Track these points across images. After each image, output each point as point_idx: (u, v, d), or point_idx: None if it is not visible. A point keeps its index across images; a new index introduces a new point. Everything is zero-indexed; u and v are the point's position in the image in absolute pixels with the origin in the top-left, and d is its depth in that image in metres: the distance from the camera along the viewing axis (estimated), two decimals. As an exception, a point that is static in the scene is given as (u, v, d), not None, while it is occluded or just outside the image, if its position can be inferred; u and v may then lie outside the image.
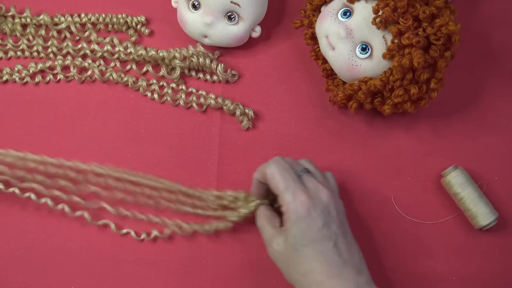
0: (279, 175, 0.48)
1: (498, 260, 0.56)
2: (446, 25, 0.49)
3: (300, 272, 0.46)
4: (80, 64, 0.60)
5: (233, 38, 0.58)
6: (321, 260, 0.46)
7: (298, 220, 0.46)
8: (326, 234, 0.46)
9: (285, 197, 0.47)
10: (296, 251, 0.46)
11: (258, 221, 0.51)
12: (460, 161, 0.58)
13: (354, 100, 0.55)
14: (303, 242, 0.46)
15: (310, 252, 0.46)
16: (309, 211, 0.46)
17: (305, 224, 0.46)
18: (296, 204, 0.46)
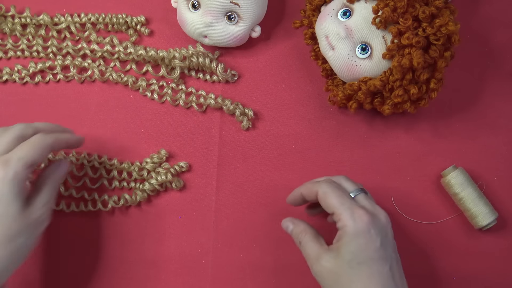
0: (333, 193, 0.47)
1: (498, 260, 0.56)
2: (446, 25, 0.49)
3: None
4: (80, 64, 0.60)
5: (233, 38, 0.58)
6: (377, 281, 0.44)
7: (357, 236, 0.44)
8: (383, 255, 0.45)
9: (342, 212, 0.45)
10: (351, 268, 0.44)
11: (300, 237, 0.49)
12: (460, 161, 0.58)
13: (354, 100, 0.55)
14: (360, 259, 0.44)
15: (366, 271, 0.44)
16: (369, 228, 0.44)
17: (363, 240, 0.44)
18: (355, 219, 0.45)
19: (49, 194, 0.47)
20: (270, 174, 0.58)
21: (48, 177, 0.49)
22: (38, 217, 0.45)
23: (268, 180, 0.58)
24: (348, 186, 0.49)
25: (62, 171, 0.50)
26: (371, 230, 0.45)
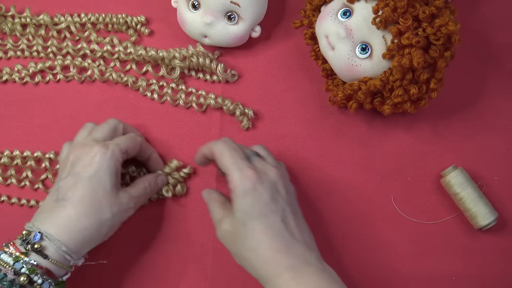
0: (227, 152, 0.49)
1: (498, 260, 0.56)
2: (446, 25, 0.49)
3: (248, 247, 0.46)
4: (80, 64, 0.60)
5: (233, 38, 0.58)
6: (269, 234, 0.46)
7: (245, 194, 0.46)
8: (274, 208, 0.47)
9: (232, 173, 0.47)
10: (244, 225, 0.46)
11: (209, 205, 0.52)
12: (460, 161, 0.58)
13: (354, 100, 0.55)
14: (251, 215, 0.46)
15: (258, 226, 0.46)
16: (255, 186, 0.47)
17: (251, 197, 0.46)
18: (243, 179, 0.47)
19: (140, 191, 0.53)
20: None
21: (146, 180, 0.54)
22: (125, 203, 0.50)
23: (268, 180, 0.58)
24: (246, 150, 0.51)
25: (159, 181, 0.55)
26: (259, 187, 0.47)
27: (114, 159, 0.50)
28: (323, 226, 0.57)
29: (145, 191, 0.53)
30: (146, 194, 0.53)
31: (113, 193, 0.49)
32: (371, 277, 0.55)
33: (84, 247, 0.48)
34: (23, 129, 0.59)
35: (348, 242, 0.56)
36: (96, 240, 0.49)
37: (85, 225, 0.47)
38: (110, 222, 0.49)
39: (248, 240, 0.46)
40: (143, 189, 0.53)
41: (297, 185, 0.57)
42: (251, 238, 0.46)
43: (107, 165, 0.49)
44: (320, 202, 0.57)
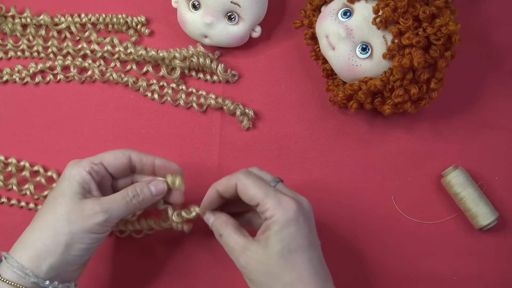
0: (253, 184, 0.44)
1: (498, 260, 0.56)
2: (446, 25, 0.49)
3: (286, 281, 0.42)
4: (80, 64, 0.60)
5: (233, 38, 0.58)
6: (309, 269, 0.43)
7: (287, 224, 0.42)
8: (312, 242, 0.44)
9: (268, 201, 0.43)
10: (282, 258, 0.42)
11: (222, 230, 0.46)
12: (460, 161, 0.58)
13: (354, 100, 0.55)
14: (291, 247, 0.43)
15: (299, 260, 0.43)
16: (297, 215, 0.43)
17: (294, 228, 0.43)
18: (284, 207, 0.43)
19: (116, 197, 0.46)
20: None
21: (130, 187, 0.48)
22: (88, 209, 0.44)
23: (268, 180, 0.58)
24: (265, 176, 0.47)
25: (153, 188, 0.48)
26: (300, 217, 0.43)
27: (81, 168, 0.46)
28: (323, 226, 0.57)
29: (124, 199, 0.46)
30: (127, 203, 0.47)
31: (73, 200, 0.45)
32: (371, 277, 0.55)
33: (42, 261, 0.43)
34: (23, 129, 0.59)
35: (348, 242, 0.56)
36: (55, 253, 0.43)
37: (37, 236, 0.44)
38: (66, 230, 0.43)
39: (285, 274, 0.42)
40: (121, 196, 0.47)
41: (297, 185, 0.57)
42: (290, 272, 0.42)
43: (70, 174, 0.46)
44: (321, 202, 0.57)
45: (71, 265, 0.45)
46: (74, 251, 0.44)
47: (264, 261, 0.43)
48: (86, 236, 0.44)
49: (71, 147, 0.59)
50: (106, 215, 0.45)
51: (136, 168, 0.50)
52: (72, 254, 0.44)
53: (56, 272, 0.44)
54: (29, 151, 0.59)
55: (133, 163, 0.49)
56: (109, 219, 0.45)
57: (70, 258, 0.44)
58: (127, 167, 0.49)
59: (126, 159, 0.48)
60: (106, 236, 0.47)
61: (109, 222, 0.45)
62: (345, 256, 0.56)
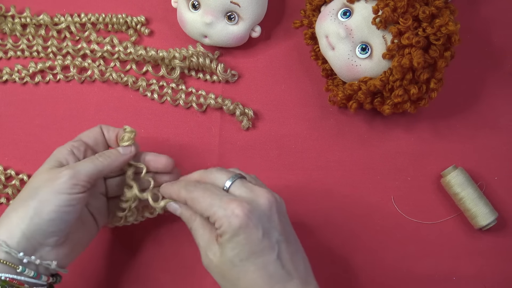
0: (200, 197, 0.43)
1: (498, 260, 0.56)
2: (446, 25, 0.49)
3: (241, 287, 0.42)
4: (80, 64, 0.60)
5: (233, 38, 0.58)
6: (263, 275, 0.41)
7: (235, 234, 0.41)
8: (268, 244, 0.42)
9: (214, 214, 0.42)
10: (235, 266, 0.41)
11: (190, 223, 0.46)
12: (460, 161, 0.58)
13: (354, 100, 0.55)
14: (242, 256, 0.41)
15: (251, 268, 0.41)
16: (246, 222, 0.41)
17: (243, 236, 0.41)
18: (229, 217, 0.41)
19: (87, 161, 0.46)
20: (270, 174, 0.58)
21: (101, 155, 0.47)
22: (61, 173, 0.44)
23: (268, 180, 0.57)
24: (220, 178, 0.45)
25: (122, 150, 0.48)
26: (249, 222, 0.41)
27: (62, 147, 0.47)
28: (323, 226, 0.57)
29: (91, 159, 0.46)
30: (93, 160, 0.46)
31: (46, 170, 0.45)
32: (371, 277, 0.55)
33: (14, 229, 0.42)
34: (23, 129, 0.59)
35: (348, 242, 0.56)
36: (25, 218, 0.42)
37: (11, 207, 0.44)
38: (35, 194, 0.43)
39: (239, 282, 0.41)
40: (89, 158, 0.46)
41: (296, 185, 0.57)
42: (244, 280, 0.41)
43: (51, 156, 0.46)
44: (320, 202, 0.57)
45: (45, 235, 0.43)
46: (44, 214, 0.43)
47: (221, 265, 0.42)
48: (55, 197, 0.43)
49: (71, 147, 0.59)
50: (72, 172, 0.44)
51: (106, 139, 0.50)
52: (43, 218, 0.43)
53: (30, 243, 0.43)
54: (29, 151, 0.59)
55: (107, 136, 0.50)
56: (75, 175, 0.44)
57: (42, 224, 0.43)
58: (101, 136, 0.49)
59: (99, 129, 0.49)
60: (79, 204, 0.44)
61: (76, 179, 0.44)
62: (345, 256, 0.56)
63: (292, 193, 0.57)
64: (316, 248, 0.56)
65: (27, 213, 0.43)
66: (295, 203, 0.55)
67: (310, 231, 0.56)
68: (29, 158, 0.58)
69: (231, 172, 0.46)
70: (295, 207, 0.54)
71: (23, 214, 0.43)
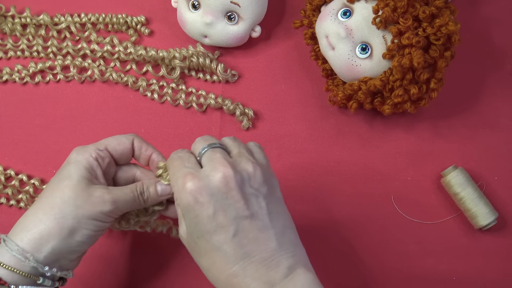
0: (173, 167, 0.42)
1: (498, 260, 0.56)
2: (446, 25, 0.49)
3: (203, 267, 0.41)
4: (80, 64, 0.60)
5: (233, 38, 0.58)
6: (219, 255, 0.39)
7: (186, 211, 0.40)
8: (222, 222, 0.39)
9: (173, 186, 0.41)
10: (195, 243, 0.41)
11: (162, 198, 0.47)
12: (460, 161, 0.58)
13: (354, 100, 0.55)
14: (197, 234, 0.40)
15: (207, 246, 0.39)
16: (195, 198, 0.39)
17: (193, 214, 0.39)
18: (180, 193, 0.40)
19: (125, 190, 0.45)
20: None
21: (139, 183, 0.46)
22: (97, 196, 0.43)
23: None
24: (198, 146, 0.43)
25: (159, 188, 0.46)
26: (199, 198, 0.39)
27: (87, 153, 0.45)
28: (323, 226, 0.57)
29: (133, 193, 0.45)
30: (134, 197, 0.45)
31: (81, 185, 0.43)
32: (371, 277, 0.55)
33: (43, 244, 0.41)
34: (23, 129, 0.59)
35: (348, 242, 0.56)
36: (58, 236, 0.42)
37: (41, 218, 0.42)
38: (73, 214, 0.42)
39: (202, 260, 0.41)
40: (130, 189, 0.45)
41: (296, 185, 0.57)
42: (204, 257, 0.40)
43: (76, 159, 0.45)
44: (320, 202, 0.57)
45: (71, 252, 0.44)
46: (77, 236, 0.43)
47: (187, 242, 0.42)
48: (91, 223, 0.43)
49: (71, 147, 0.58)
50: (114, 206, 0.44)
51: (134, 155, 0.48)
52: (75, 239, 0.43)
53: (56, 257, 0.43)
54: (29, 151, 0.59)
55: (133, 148, 0.48)
56: (115, 210, 0.44)
57: (72, 244, 0.43)
58: (130, 152, 0.48)
59: (129, 144, 0.47)
60: (107, 227, 0.46)
61: (114, 213, 0.44)
62: (345, 256, 0.56)
63: (291, 192, 0.57)
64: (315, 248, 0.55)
65: (62, 232, 0.42)
66: (295, 203, 0.55)
67: (310, 231, 0.56)
68: (29, 158, 0.58)
69: (210, 141, 0.43)
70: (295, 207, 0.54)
71: (56, 232, 0.42)
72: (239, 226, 0.39)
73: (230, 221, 0.39)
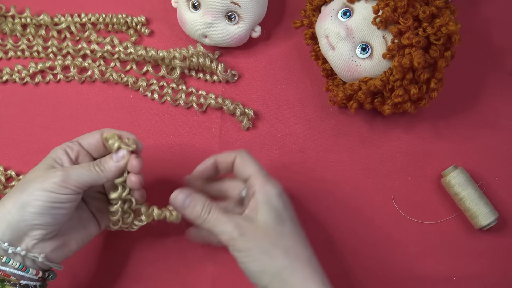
0: (252, 161, 0.49)
1: (498, 260, 0.56)
2: (446, 25, 0.49)
3: (284, 247, 0.45)
4: (80, 64, 0.60)
5: (233, 38, 0.58)
6: (302, 240, 0.46)
7: (278, 196, 0.46)
8: (294, 217, 0.47)
9: (260, 176, 0.47)
10: (280, 224, 0.46)
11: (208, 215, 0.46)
12: (460, 161, 0.58)
13: (354, 100, 0.55)
14: (285, 216, 0.46)
15: (292, 229, 0.46)
16: (282, 194, 0.47)
17: (282, 200, 0.47)
18: (273, 183, 0.47)
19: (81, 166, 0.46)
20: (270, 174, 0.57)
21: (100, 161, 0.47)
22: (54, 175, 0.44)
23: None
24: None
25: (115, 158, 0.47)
26: (284, 196, 0.47)
27: (58, 148, 0.47)
28: (323, 226, 0.57)
29: (87, 165, 0.46)
30: (89, 166, 0.46)
31: (41, 169, 0.45)
32: (371, 277, 0.55)
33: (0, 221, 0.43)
34: (23, 129, 0.59)
35: (349, 242, 0.56)
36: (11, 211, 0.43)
37: (2, 202, 0.44)
38: (28, 189, 0.43)
39: (283, 240, 0.45)
40: (85, 164, 0.46)
41: (297, 185, 0.57)
42: (287, 239, 0.45)
43: (49, 154, 0.47)
44: (320, 202, 0.57)
45: (30, 226, 0.44)
46: (31, 207, 0.43)
47: (260, 235, 0.45)
48: (43, 193, 0.43)
49: (71, 147, 0.58)
50: (64, 174, 0.44)
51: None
52: (30, 211, 0.43)
53: (16, 233, 0.43)
54: (29, 151, 0.59)
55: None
56: (66, 178, 0.44)
57: (28, 216, 0.43)
58: (100, 143, 0.48)
59: (98, 134, 0.48)
60: (69, 203, 0.45)
61: (66, 182, 0.44)
62: (345, 256, 0.56)
63: (292, 193, 0.57)
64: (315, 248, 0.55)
65: (15, 204, 0.43)
66: (295, 203, 0.55)
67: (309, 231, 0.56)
68: (29, 158, 0.58)
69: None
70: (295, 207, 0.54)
71: (11, 206, 0.43)
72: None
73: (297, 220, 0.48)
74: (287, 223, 0.46)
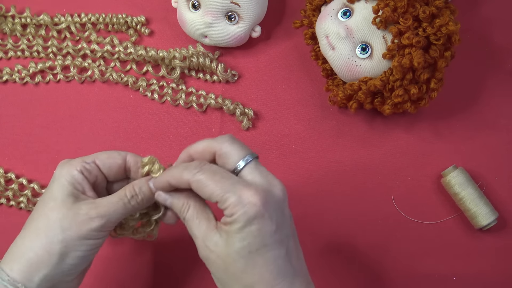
0: (209, 180, 0.38)
1: (498, 260, 0.56)
2: (446, 25, 0.49)
3: (245, 283, 0.38)
4: (80, 64, 0.60)
5: (233, 38, 0.58)
6: (272, 270, 0.38)
7: (248, 223, 0.37)
8: (279, 238, 0.38)
9: (226, 200, 0.38)
10: (242, 258, 0.38)
11: (184, 212, 0.41)
12: (460, 161, 0.58)
13: (354, 100, 0.55)
14: (253, 248, 0.38)
15: (260, 260, 0.38)
16: (262, 212, 0.37)
17: (257, 227, 0.37)
18: (245, 205, 0.37)
19: (112, 199, 0.42)
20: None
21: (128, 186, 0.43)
22: (83, 214, 0.41)
23: (268, 180, 0.58)
24: (234, 155, 0.40)
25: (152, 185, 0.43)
26: (265, 213, 0.37)
27: (72, 167, 0.42)
28: (324, 226, 0.57)
29: (122, 200, 0.42)
30: (125, 205, 0.42)
31: (66, 204, 0.41)
32: (371, 277, 0.56)
33: (34, 273, 0.40)
34: (23, 129, 0.59)
35: (349, 242, 0.56)
36: (48, 263, 0.40)
37: (28, 245, 0.40)
38: (60, 238, 0.40)
39: (244, 276, 0.38)
40: (118, 197, 0.42)
41: (297, 185, 0.57)
42: (250, 274, 0.38)
43: (59, 174, 0.42)
44: (320, 202, 0.57)
45: (67, 275, 0.42)
46: (69, 259, 0.41)
47: (223, 257, 0.38)
48: (82, 243, 0.41)
49: (71, 147, 0.59)
50: (103, 220, 0.41)
51: (131, 172, 0.45)
52: (68, 263, 0.41)
53: (51, 283, 0.41)
54: (29, 151, 0.59)
55: (128, 165, 0.45)
56: (106, 224, 0.41)
57: (65, 268, 0.41)
58: (121, 168, 0.45)
59: (121, 159, 0.44)
60: (104, 241, 0.43)
61: (106, 227, 0.41)
62: (345, 256, 0.56)
63: (292, 193, 0.57)
64: (316, 248, 0.56)
65: (51, 259, 0.40)
66: (295, 203, 0.55)
67: (310, 231, 0.56)
68: (29, 158, 0.58)
69: (244, 148, 0.40)
70: (295, 207, 0.54)
71: (46, 259, 0.40)
72: (288, 244, 0.39)
73: (283, 238, 0.39)
74: (255, 255, 0.38)
